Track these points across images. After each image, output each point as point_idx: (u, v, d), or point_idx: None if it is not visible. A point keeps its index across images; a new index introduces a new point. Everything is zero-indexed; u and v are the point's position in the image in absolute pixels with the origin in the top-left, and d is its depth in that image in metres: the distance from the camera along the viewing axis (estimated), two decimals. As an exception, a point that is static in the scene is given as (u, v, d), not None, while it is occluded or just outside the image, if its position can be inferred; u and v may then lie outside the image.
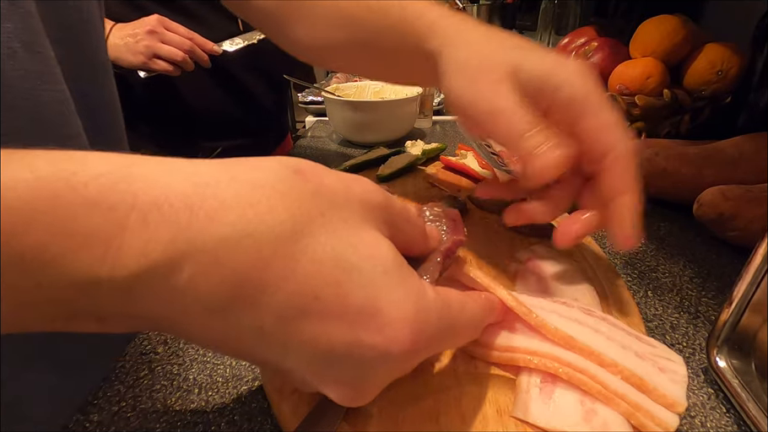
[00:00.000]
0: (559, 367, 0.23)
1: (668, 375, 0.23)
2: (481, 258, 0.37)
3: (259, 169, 0.17)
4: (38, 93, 0.26)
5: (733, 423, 0.25)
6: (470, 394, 0.24)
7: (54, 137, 0.27)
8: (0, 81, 0.24)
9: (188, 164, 0.16)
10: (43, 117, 0.26)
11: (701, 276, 0.38)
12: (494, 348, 0.25)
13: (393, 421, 0.23)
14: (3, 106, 0.24)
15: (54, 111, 0.27)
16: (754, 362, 0.26)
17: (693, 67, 0.57)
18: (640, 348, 0.24)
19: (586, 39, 0.69)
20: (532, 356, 0.24)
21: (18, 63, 0.24)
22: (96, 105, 0.33)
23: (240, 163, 0.17)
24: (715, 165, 0.45)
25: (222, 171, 0.16)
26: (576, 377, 0.23)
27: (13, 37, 0.24)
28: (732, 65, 0.55)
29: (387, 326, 0.16)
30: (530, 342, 0.24)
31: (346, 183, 0.18)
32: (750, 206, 0.39)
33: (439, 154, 0.60)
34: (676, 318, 0.33)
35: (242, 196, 0.15)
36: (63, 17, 0.29)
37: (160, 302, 0.15)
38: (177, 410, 0.26)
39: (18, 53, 0.24)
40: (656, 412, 0.21)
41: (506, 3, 1.24)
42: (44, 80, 0.26)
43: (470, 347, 0.26)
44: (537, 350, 0.24)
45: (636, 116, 0.58)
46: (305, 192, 0.16)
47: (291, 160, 0.18)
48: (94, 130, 0.31)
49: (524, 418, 0.22)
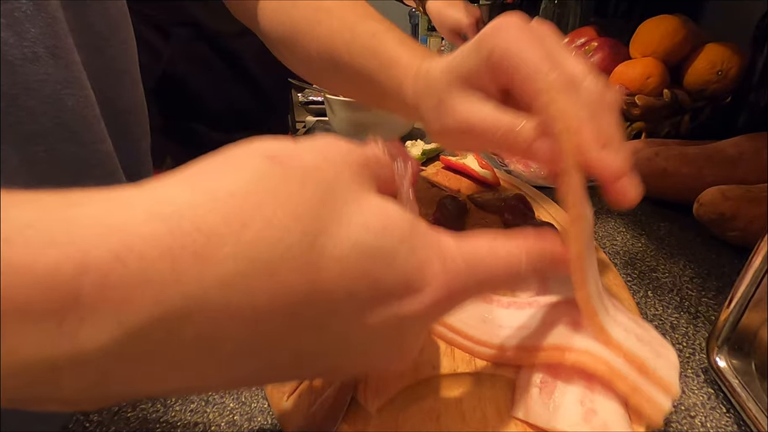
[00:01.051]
0: (564, 353, 0.23)
1: (664, 361, 0.23)
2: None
3: (230, 171, 0.14)
4: (61, 97, 0.26)
5: (733, 423, 0.25)
6: (470, 394, 0.24)
7: (78, 142, 0.27)
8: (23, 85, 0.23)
9: (144, 192, 0.13)
10: (67, 122, 0.26)
11: (701, 276, 0.38)
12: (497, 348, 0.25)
13: (393, 421, 0.23)
14: (26, 111, 0.24)
15: (78, 116, 0.27)
16: (754, 362, 0.26)
17: (693, 67, 0.57)
18: (640, 332, 0.24)
19: (586, 39, 0.69)
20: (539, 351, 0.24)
21: (42, 68, 0.24)
22: (121, 110, 0.33)
23: (205, 172, 0.14)
24: (715, 165, 0.45)
25: (190, 190, 0.13)
26: (580, 359, 0.23)
27: (37, 42, 0.24)
28: (732, 65, 0.55)
29: (421, 291, 0.16)
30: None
31: (324, 154, 0.16)
32: (750, 206, 0.39)
33: (439, 154, 0.60)
34: (676, 318, 0.33)
35: (230, 216, 0.12)
36: (89, 22, 0.29)
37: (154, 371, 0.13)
38: (177, 410, 0.26)
39: (43, 58, 0.24)
40: (652, 394, 0.22)
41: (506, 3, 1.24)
42: (68, 85, 0.26)
43: (470, 346, 0.26)
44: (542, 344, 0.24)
45: (636, 116, 0.58)
46: (292, 185, 0.14)
47: (256, 146, 0.15)
48: (118, 136, 0.31)
49: (524, 418, 0.22)
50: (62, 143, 0.26)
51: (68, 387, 0.12)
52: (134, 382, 0.13)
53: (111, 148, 0.30)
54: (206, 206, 0.12)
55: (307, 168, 0.15)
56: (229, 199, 0.13)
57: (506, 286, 0.20)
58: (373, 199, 0.16)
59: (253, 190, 0.13)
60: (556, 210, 0.45)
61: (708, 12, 0.72)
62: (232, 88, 0.75)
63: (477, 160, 0.53)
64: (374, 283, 0.15)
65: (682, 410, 0.26)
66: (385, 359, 0.18)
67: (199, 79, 0.71)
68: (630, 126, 0.59)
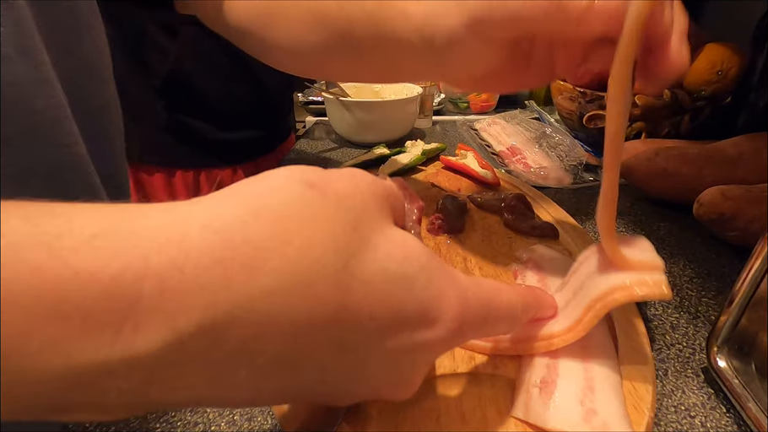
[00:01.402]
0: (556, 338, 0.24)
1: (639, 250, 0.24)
2: (481, 258, 0.37)
3: (274, 193, 0.15)
4: (32, 99, 0.25)
5: (733, 423, 0.25)
6: (470, 394, 0.24)
7: (50, 145, 0.26)
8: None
9: (198, 207, 0.14)
10: (38, 124, 0.26)
11: (701, 276, 0.38)
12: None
13: (393, 421, 0.23)
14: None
15: (49, 118, 0.26)
16: (754, 362, 0.26)
17: (693, 67, 0.57)
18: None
19: (586, 39, 0.69)
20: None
21: (12, 68, 0.24)
22: (93, 109, 0.32)
23: (252, 194, 0.15)
24: (715, 165, 0.45)
25: (240, 207, 0.14)
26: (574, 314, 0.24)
27: (6, 42, 0.23)
28: (732, 65, 0.55)
29: (438, 319, 0.17)
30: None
31: (353, 183, 0.17)
32: (750, 206, 0.39)
33: (439, 154, 0.60)
34: (676, 318, 0.33)
35: (275, 234, 0.14)
36: (57, 20, 0.28)
37: (192, 379, 0.13)
38: (177, 410, 0.26)
39: (13, 58, 0.24)
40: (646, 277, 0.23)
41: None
42: (38, 86, 0.25)
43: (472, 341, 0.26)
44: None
45: (636, 116, 0.58)
46: (329, 210, 0.15)
47: (295, 172, 0.16)
48: (91, 136, 0.30)
49: (524, 418, 0.22)
50: (34, 145, 0.25)
51: (112, 393, 0.12)
52: (171, 390, 0.13)
53: (84, 149, 0.29)
54: (254, 223, 0.13)
55: (340, 195, 0.16)
56: (275, 219, 0.14)
57: (503, 327, 0.22)
58: (394, 229, 0.18)
59: (296, 212, 0.14)
60: (556, 210, 0.45)
61: (708, 12, 0.72)
62: (237, 87, 0.75)
63: (477, 160, 0.53)
64: (395, 306, 0.16)
65: (682, 410, 0.26)
66: (392, 387, 0.18)
67: (205, 78, 0.71)
68: (629, 127, 0.59)
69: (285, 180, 0.16)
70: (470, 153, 0.55)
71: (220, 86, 0.73)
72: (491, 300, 0.20)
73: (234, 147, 0.76)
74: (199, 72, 0.70)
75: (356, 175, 0.18)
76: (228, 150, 0.76)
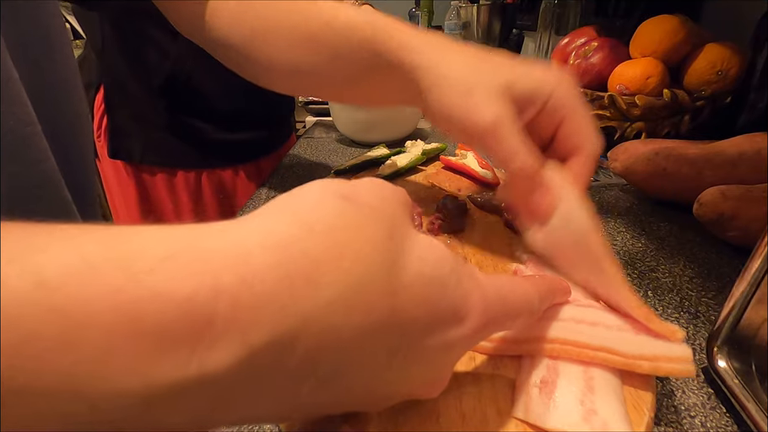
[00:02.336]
0: (572, 349, 0.24)
1: None
2: (481, 258, 0.37)
3: (318, 207, 0.16)
4: (5, 117, 0.25)
5: (733, 423, 0.25)
6: (470, 394, 0.24)
7: (20, 163, 0.26)
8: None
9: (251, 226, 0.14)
10: (8, 143, 0.25)
11: (701, 276, 0.38)
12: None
13: (393, 421, 0.23)
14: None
15: (20, 135, 0.26)
16: (754, 362, 0.26)
17: (693, 67, 0.57)
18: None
19: (586, 39, 0.69)
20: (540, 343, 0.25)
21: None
22: (63, 123, 0.32)
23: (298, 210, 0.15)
24: (715, 165, 0.45)
25: (292, 224, 0.14)
26: (583, 353, 0.24)
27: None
28: (732, 65, 0.55)
29: (466, 317, 0.18)
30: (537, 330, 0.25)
31: (379, 194, 0.18)
32: (750, 206, 0.39)
33: (439, 154, 0.60)
34: (676, 318, 0.33)
35: (329, 247, 0.14)
36: (26, 36, 0.28)
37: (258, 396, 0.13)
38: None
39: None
40: (672, 351, 0.23)
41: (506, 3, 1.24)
42: (8, 103, 0.25)
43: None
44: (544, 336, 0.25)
45: (636, 116, 0.58)
46: (368, 220, 0.16)
47: (328, 187, 0.17)
48: (61, 150, 0.30)
49: (524, 418, 0.22)
50: (4, 164, 0.25)
51: (178, 413, 0.12)
52: (234, 408, 0.13)
53: (55, 164, 0.28)
54: (309, 238, 0.14)
55: (372, 206, 0.17)
56: (326, 232, 0.15)
57: (523, 319, 0.22)
58: (420, 234, 0.18)
59: (343, 225, 0.15)
60: (556, 210, 0.45)
61: (708, 12, 0.72)
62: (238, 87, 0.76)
63: (477, 160, 0.53)
64: (432, 307, 0.17)
65: (682, 410, 0.26)
66: (428, 386, 0.19)
67: (206, 78, 0.71)
68: (630, 127, 0.59)
69: (323, 194, 0.16)
70: (470, 154, 0.55)
71: (221, 86, 0.73)
72: (509, 295, 0.21)
73: (235, 147, 0.76)
74: (200, 73, 0.70)
75: (378, 185, 0.19)
76: (229, 150, 0.76)
